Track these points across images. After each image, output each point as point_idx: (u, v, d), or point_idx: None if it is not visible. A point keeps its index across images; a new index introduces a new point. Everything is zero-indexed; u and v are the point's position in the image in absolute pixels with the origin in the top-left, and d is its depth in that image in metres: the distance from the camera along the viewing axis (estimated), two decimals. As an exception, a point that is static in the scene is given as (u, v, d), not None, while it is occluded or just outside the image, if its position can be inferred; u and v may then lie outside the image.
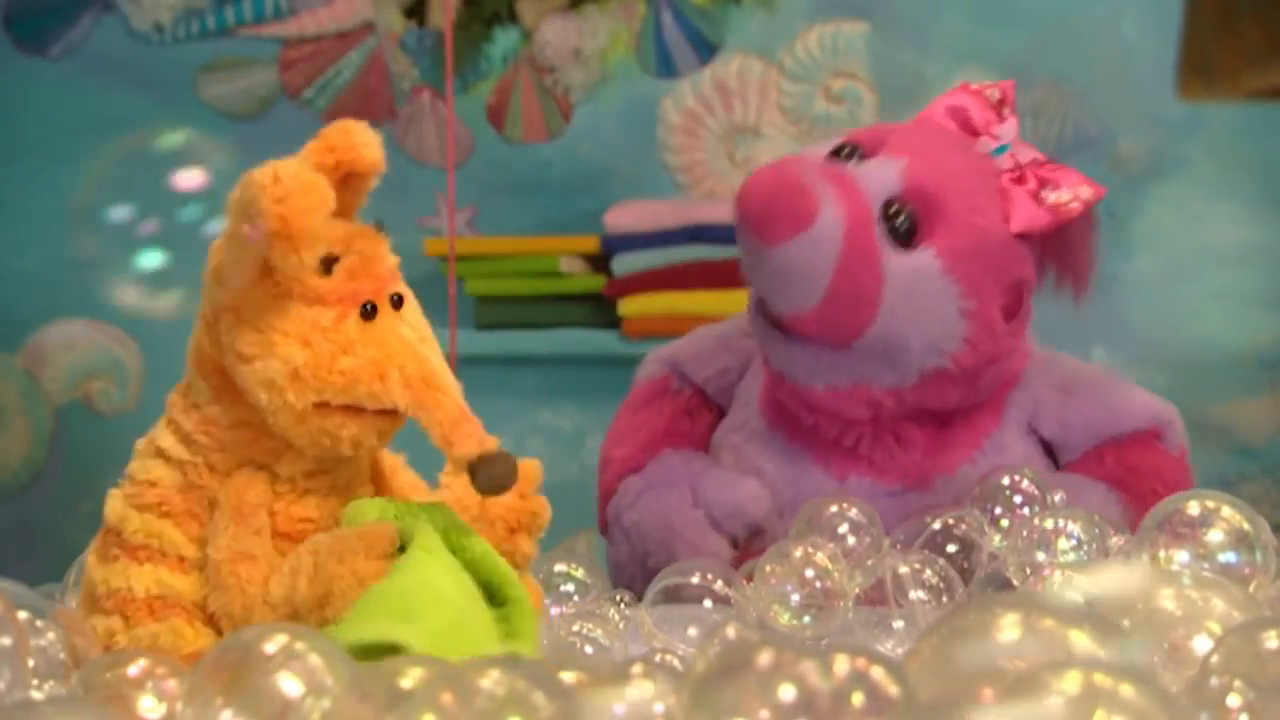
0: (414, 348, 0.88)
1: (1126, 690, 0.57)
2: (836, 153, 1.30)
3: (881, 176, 1.27)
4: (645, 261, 2.31)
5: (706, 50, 2.46)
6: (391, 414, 0.89)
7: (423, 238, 2.38)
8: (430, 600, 0.82)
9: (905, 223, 1.26)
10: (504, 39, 2.49)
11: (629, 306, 2.30)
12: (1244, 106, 2.23)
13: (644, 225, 2.32)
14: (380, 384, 0.87)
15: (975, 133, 1.36)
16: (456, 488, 0.97)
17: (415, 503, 0.93)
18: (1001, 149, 1.34)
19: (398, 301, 0.90)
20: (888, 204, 1.25)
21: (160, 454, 0.96)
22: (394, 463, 1.00)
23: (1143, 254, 2.40)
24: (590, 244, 2.36)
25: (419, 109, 2.51)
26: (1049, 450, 1.37)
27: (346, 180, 0.89)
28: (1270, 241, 2.37)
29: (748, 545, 1.29)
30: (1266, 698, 0.68)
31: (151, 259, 2.45)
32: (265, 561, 0.89)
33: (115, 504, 0.95)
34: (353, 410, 0.89)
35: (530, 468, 0.97)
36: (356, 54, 2.49)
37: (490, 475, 0.85)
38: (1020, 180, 1.31)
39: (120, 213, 2.46)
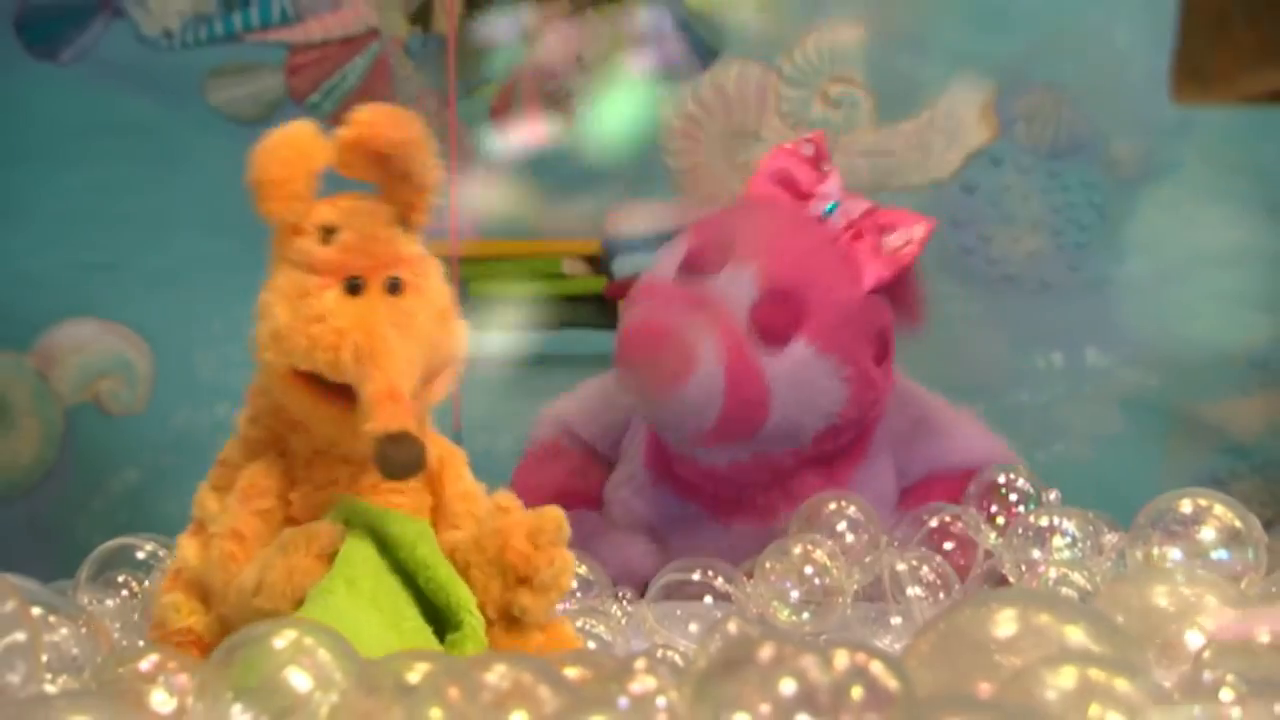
0: (377, 327, 0.85)
1: (1121, 685, 0.57)
2: (688, 268, 1.34)
3: (738, 289, 1.31)
4: (646, 263, 2.31)
5: (707, 54, 2.46)
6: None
7: (426, 240, 2.37)
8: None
9: (773, 328, 1.30)
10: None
11: (630, 307, 2.30)
12: (1236, 110, 2.23)
13: (645, 228, 2.32)
14: (333, 354, 0.85)
15: (803, 195, 1.39)
16: (491, 523, 0.93)
17: (393, 512, 0.89)
18: (832, 207, 1.38)
19: (394, 286, 0.88)
20: (752, 313, 1.29)
21: (236, 431, 0.96)
22: (450, 459, 0.97)
23: (1135, 256, 2.40)
24: (592, 246, 2.36)
25: (423, 113, 2.50)
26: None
27: (381, 163, 0.89)
28: (1261, 244, 2.37)
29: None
30: (1258, 692, 0.68)
31: (161, 259, 2.45)
32: (255, 543, 0.88)
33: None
34: (318, 383, 0.87)
35: (549, 517, 0.93)
36: (362, 59, 2.49)
37: (388, 456, 0.81)
38: (858, 236, 1.35)
39: (131, 214, 2.46)
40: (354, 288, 0.87)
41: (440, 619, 0.88)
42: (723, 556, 1.27)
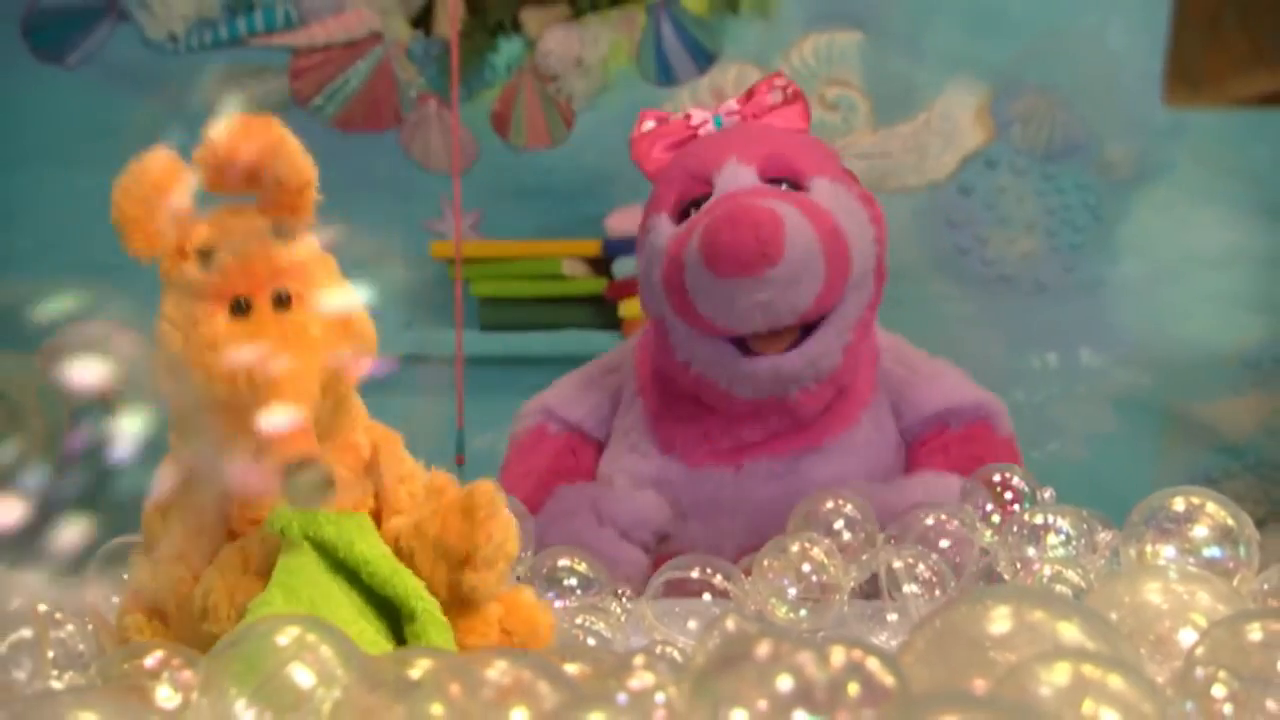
0: (267, 352, 0.83)
1: (1114, 681, 0.57)
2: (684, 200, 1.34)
3: (743, 174, 1.30)
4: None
5: (705, 59, 2.46)
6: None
7: (429, 241, 2.38)
8: None
9: (789, 179, 1.31)
10: (508, 48, 2.49)
11: (630, 308, 2.30)
12: (1227, 113, 2.23)
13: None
14: (229, 385, 0.83)
15: (691, 132, 1.42)
16: (427, 506, 0.91)
17: (326, 515, 0.86)
18: (717, 120, 1.41)
19: (280, 300, 0.85)
20: (763, 178, 1.30)
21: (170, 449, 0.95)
22: (385, 443, 0.94)
23: (1129, 257, 2.41)
24: (592, 247, 2.36)
25: (425, 116, 2.51)
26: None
27: (247, 175, 0.86)
28: (1253, 245, 2.37)
29: (658, 551, 1.30)
30: (1250, 688, 0.68)
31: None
32: (201, 562, 0.86)
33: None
34: (222, 406, 0.85)
35: (481, 491, 0.89)
36: (364, 63, 2.49)
37: (294, 484, 0.79)
38: (756, 115, 1.38)
39: (135, 217, 2.46)
40: (239, 308, 0.84)
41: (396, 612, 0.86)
42: (735, 502, 1.28)
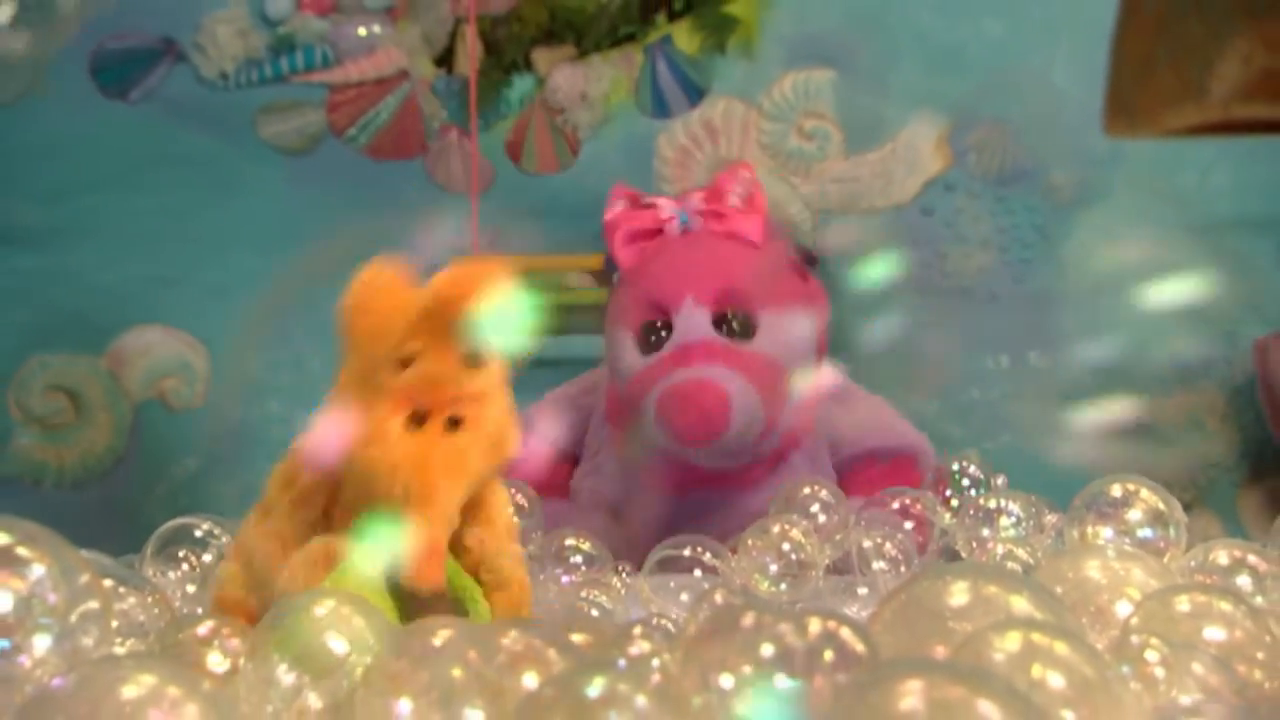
0: (430, 472, 0.83)
1: (1060, 648, 0.57)
2: (647, 327, 1.33)
3: (699, 318, 1.29)
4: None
5: (696, 94, 2.46)
6: None
7: (450, 257, 2.37)
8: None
9: (738, 325, 1.29)
10: (520, 84, 2.49)
11: (629, 316, 2.30)
12: (1160, 143, 2.23)
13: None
14: (387, 488, 0.83)
15: (658, 227, 1.39)
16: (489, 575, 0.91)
17: None
18: (683, 217, 1.38)
19: (453, 423, 0.85)
20: (716, 326, 1.28)
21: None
22: (493, 494, 0.94)
23: (1072, 272, 2.40)
24: (595, 261, 2.36)
25: (447, 145, 2.51)
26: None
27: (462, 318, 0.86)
28: (1182, 260, 2.37)
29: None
30: (1178, 653, 0.68)
31: (218, 274, 2.45)
32: (293, 546, 0.87)
33: None
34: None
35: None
36: (393, 97, 2.49)
37: (418, 607, 0.81)
38: (716, 216, 1.35)
39: (191, 233, 2.46)
40: (418, 420, 0.85)
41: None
42: (680, 525, 1.28)
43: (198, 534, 1.17)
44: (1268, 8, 0.60)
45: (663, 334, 1.31)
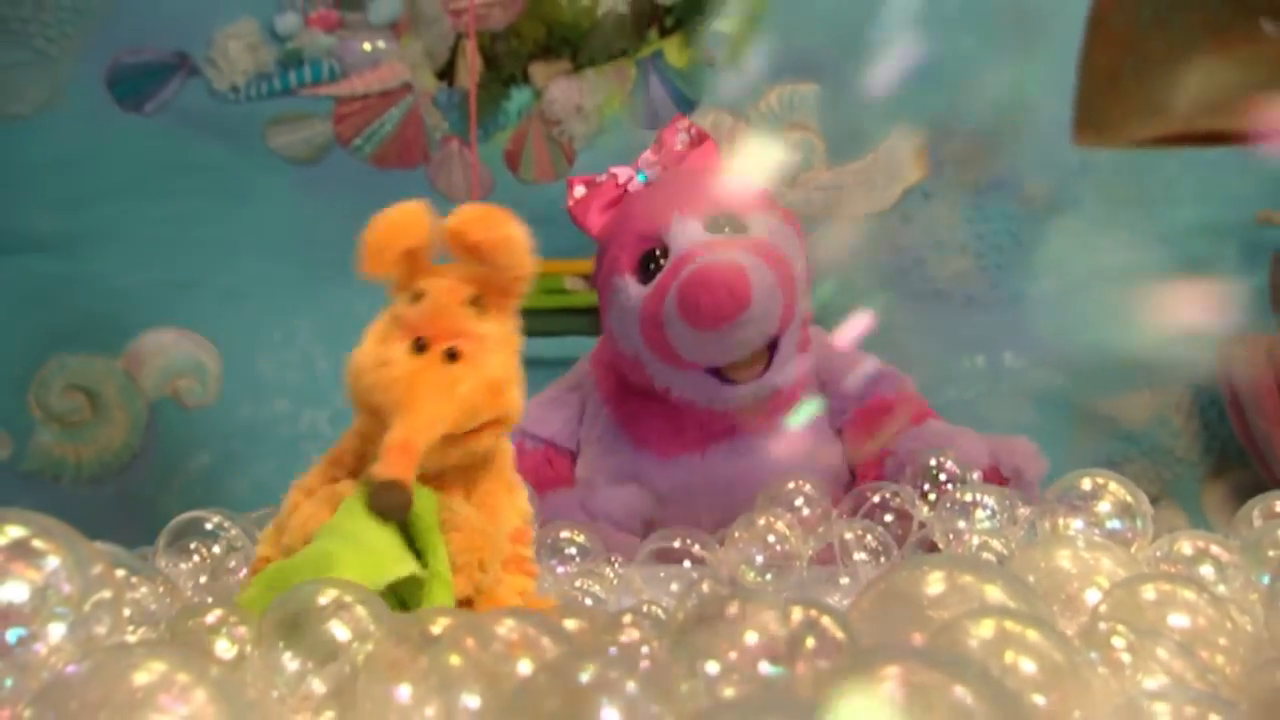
0: (420, 385, 0.86)
1: (1031, 634, 0.57)
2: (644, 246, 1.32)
3: (692, 227, 1.28)
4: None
5: (686, 106, 2.46)
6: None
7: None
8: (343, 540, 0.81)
9: (730, 227, 1.28)
10: (519, 97, 2.49)
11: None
12: (1127, 153, 2.23)
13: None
14: (384, 396, 0.86)
15: (622, 188, 1.39)
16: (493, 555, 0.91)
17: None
18: (642, 174, 1.38)
19: (451, 354, 0.88)
20: (705, 226, 1.27)
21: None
22: (506, 453, 0.97)
23: (1045, 276, 2.41)
24: (590, 266, 2.36)
25: (448, 154, 2.50)
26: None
27: (473, 253, 0.90)
28: (1148, 264, 2.37)
29: (646, 535, 1.29)
30: (1144, 639, 0.67)
31: (229, 278, 2.44)
32: (319, 497, 0.88)
33: None
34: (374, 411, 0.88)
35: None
36: (397, 109, 2.49)
37: (377, 497, 0.82)
38: (673, 161, 1.36)
39: (203, 239, 2.45)
40: (419, 347, 0.88)
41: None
42: (704, 482, 1.28)
43: (208, 527, 1.16)
44: (1228, 26, 0.60)
45: (661, 260, 1.30)
